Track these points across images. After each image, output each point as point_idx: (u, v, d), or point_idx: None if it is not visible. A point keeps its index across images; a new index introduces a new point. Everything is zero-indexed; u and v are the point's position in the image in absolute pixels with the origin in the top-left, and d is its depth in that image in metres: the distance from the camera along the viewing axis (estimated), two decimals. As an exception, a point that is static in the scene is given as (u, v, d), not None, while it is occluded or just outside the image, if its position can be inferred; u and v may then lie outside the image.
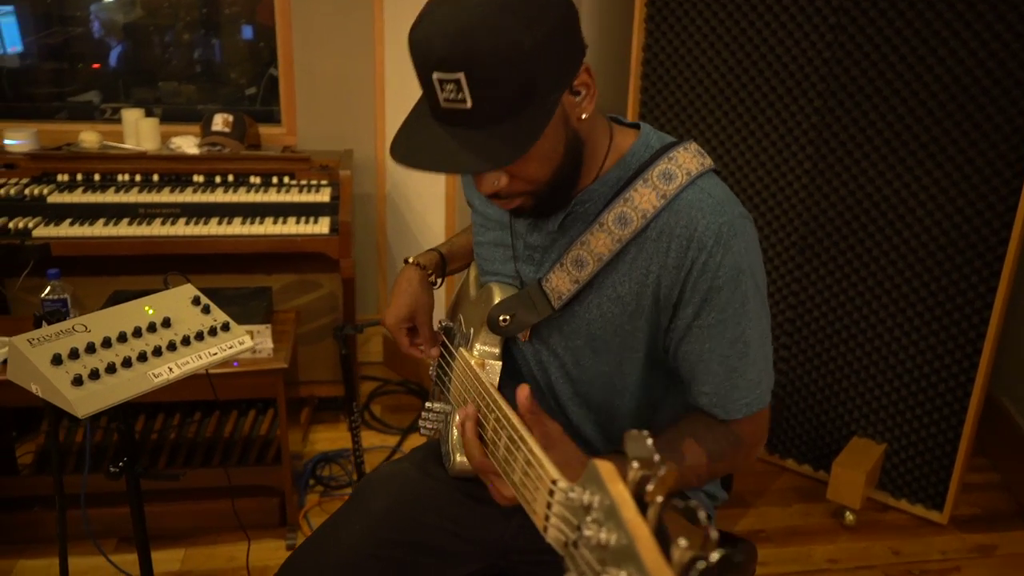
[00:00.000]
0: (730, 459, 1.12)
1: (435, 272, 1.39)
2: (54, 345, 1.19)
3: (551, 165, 1.02)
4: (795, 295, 2.54)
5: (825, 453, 2.60)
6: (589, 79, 1.01)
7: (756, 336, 1.09)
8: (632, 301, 1.08)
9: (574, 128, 1.02)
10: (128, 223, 2.37)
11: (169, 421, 2.47)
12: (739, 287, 1.05)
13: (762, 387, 1.11)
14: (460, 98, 0.92)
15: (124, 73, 3.52)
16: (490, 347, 1.19)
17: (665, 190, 1.05)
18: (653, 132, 1.13)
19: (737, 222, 1.05)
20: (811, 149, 2.39)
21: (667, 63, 2.60)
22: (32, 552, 2.18)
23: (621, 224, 1.06)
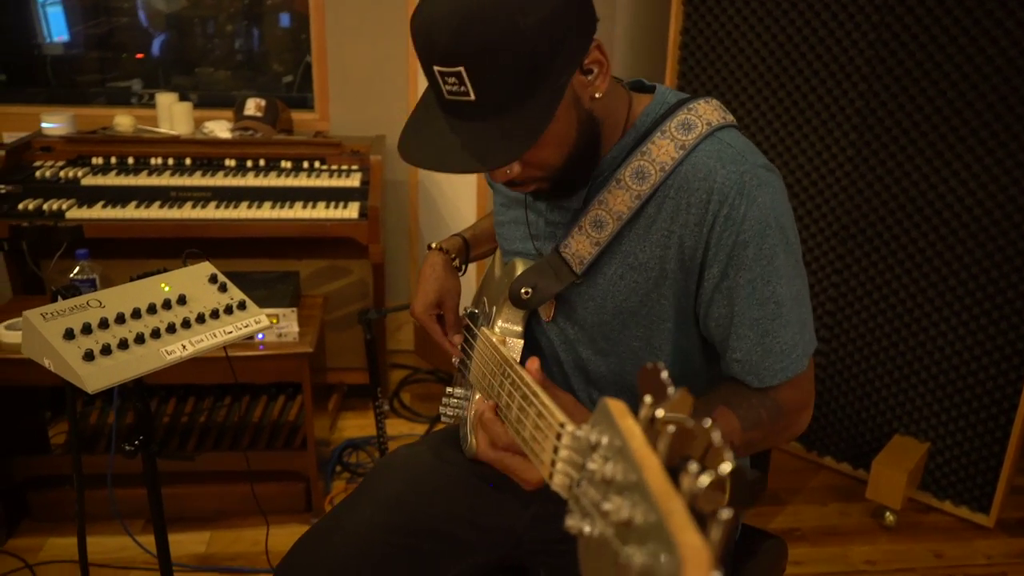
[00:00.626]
0: (768, 427, 1.03)
1: (459, 257, 1.36)
2: (67, 320, 1.17)
3: (564, 149, 0.97)
4: (835, 287, 2.45)
5: (865, 451, 2.51)
6: (601, 56, 0.95)
7: (789, 295, 1.01)
8: (655, 267, 1.03)
9: (587, 109, 0.97)
10: (159, 206, 2.37)
11: (200, 404, 2.48)
12: (766, 241, 0.98)
13: (798, 351, 1.03)
14: (463, 91, 0.88)
15: (166, 63, 3.55)
16: (512, 324, 1.15)
17: (684, 140, 0.99)
18: (670, 91, 1.07)
19: (761, 172, 0.98)
20: (855, 135, 2.30)
21: (705, 47, 2.53)
22: (62, 531, 2.19)
23: (639, 178, 1.00)
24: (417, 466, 1.21)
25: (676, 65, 2.61)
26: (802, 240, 2.46)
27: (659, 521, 0.39)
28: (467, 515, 1.15)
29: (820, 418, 2.59)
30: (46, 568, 2.06)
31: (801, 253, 1.05)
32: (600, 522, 0.46)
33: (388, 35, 2.88)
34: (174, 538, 2.16)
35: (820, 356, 2.53)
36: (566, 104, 0.93)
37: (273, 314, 2.02)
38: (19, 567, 2.05)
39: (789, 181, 2.46)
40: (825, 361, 2.53)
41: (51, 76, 3.45)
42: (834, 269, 2.44)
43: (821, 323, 2.50)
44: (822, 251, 2.45)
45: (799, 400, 1.07)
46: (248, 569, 2.08)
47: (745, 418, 1.01)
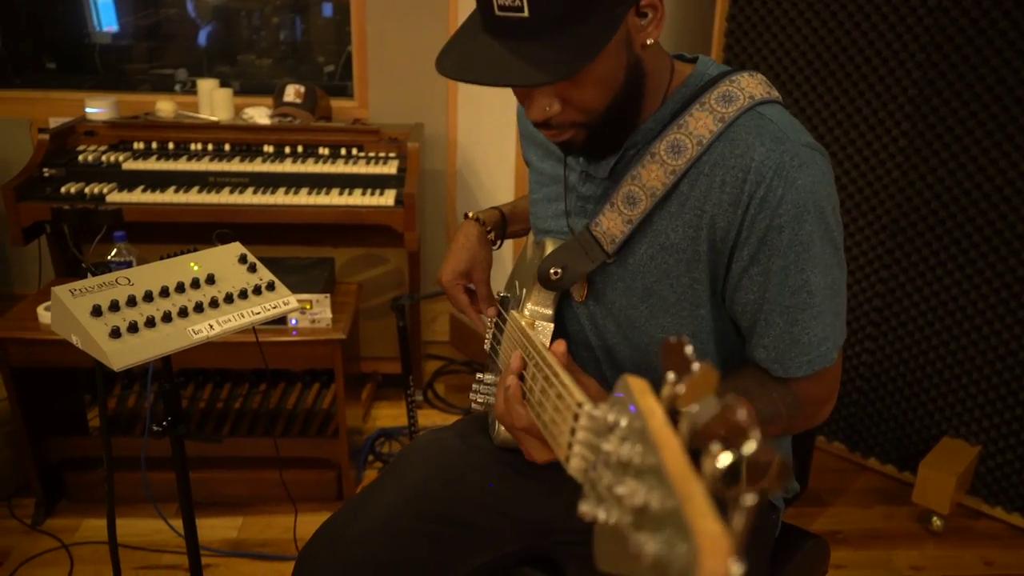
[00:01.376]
0: (786, 421, 1.00)
1: (495, 230, 1.32)
2: (95, 296, 1.17)
3: (609, 92, 0.92)
4: (884, 282, 2.36)
5: (911, 453, 2.42)
6: (657, 1, 0.91)
7: (822, 285, 0.96)
8: (688, 248, 0.98)
9: (637, 55, 0.93)
10: (198, 191, 2.38)
11: (236, 391, 2.49)
12: (802, 227, 0.92)
13: (828, 344, 0.98)
14: (517, 5, 0.84)
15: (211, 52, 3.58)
16: (542, 307, 1.11)
17: (723, 113, 0.94)
18: (712, 62, 1.02)
19: (803, 152, 0.92)
20: (907, 125, 2.21)
21: (752, 34, 2.45)
22: (98, 512, 2.22)
23: (674, 153, 0.95)
24: (444, 451, 1.18)
25: (721, 53, 2.54)
26: (850, 233, 2.38)
27: (676, 507, 0.35)
28: (494, 503, 1.12)
29: (865, 418, 2.50)
30: (81, 548, 2.08)
31: (842, 239, 0.99)
32: (615, 508, 0.42)
33: (429, 23, 2.85)
34: (206, 522, 2.19)
35: (867, 354, 2.45)
36: (617, 43, 0.89)
37: (306, 300, 2.01)
38: (55, 547, 2.08)
39: (837, 172, 2.37)
40: (871, 359, 2.45)
41: (99, 65, 3.50)
42: (882, 264, 2.35)
43: (868, 319, 2.42)
44: (870, 245, 2.36)
45: (822, 394, 1.03)
46: (278, 556, 2.07)
47: (763, 411, 0.97)
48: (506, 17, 0.86)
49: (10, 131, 2.86)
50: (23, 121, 2.86)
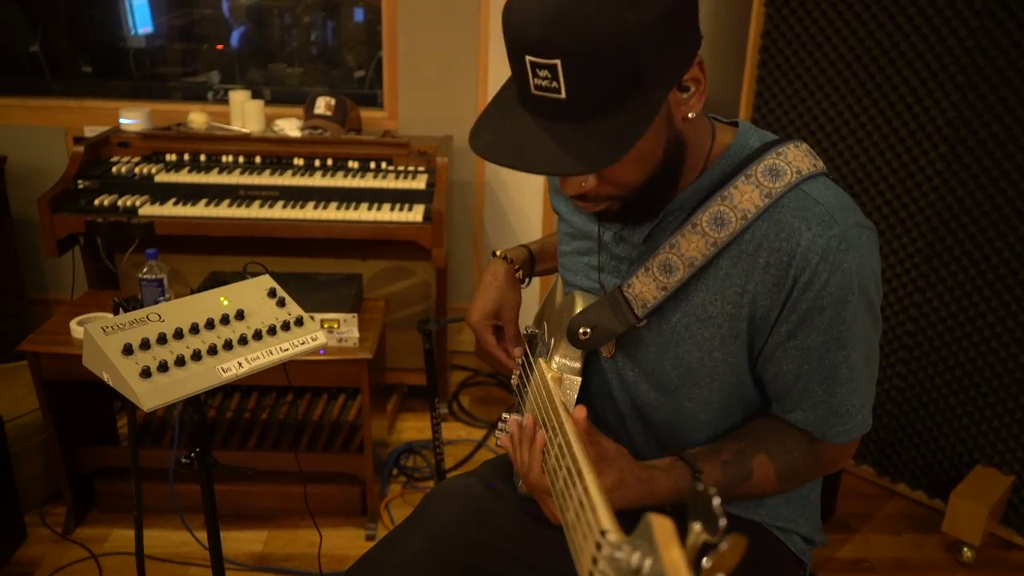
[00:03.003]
0: (802, 477, 1.03)
1: (523, 269, 1.31)
2: (127, 334, 1.18)
3: (647, 169, 0.91)
4: (917, 306, 2.32)
5: (942, 480, 2.38)
6: (700, 74, 0.89)
7: (861, 358, 0.96)
8: (725, 323, 0.97)
9: (677, 129, 0.91)
10: (228, 204, 2.40)
11: (262, 402, 2.51)
12: (846, 309, 0.92)
13: (864, 412, 0.99)
14: (554, 87, 0.82)
15: (243, 55, 3.60)
16: (570, 361, 1.10)
17: (770, 188, 0.92)
18: (753, 129, 1.00)
19: (850, 233, 0.91)
20: (945, 148, 2.17)
21: (787, 50, 2.42)
22: (127, 522, 2.25)
23: (717, 225, 0.94)
24: (470, 499, 1.17)
25: (755, 69, 2.51)
26: (883, 256, 2.34)
27: None
28: (517, 552, 1.12)
29: (895, 443, 2.47)
30: (110, 559, 2.11)
31: (880, 307, 0.98)
32: None
33: (460, 34, 2.84)
34: (231, 535, 2.21)
35: (898, 379, 2.41)
36: (659, 121, 0.87)
37: (334, 319, 2.02)
38: (84, 557, 2.11)
39: (872, 194, 2.34)
40: (903, 384, 2.41)
41: (133, 68, 3.54)
42: (916, 288, 2.31)
43: (901, 343, 2.38)
44: (904, 268, 2.32)
45: (842, 457, 1.05)
46: (302, 571, 2.09)
47: (782, 470, 1.00)
48: (543, 96, 0.84)
49: (47, 139, 2.89)
50: (59, 129, 2.90)
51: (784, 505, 1.12)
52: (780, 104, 2.48)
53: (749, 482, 0.99)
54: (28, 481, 2.23)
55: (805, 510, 1.14)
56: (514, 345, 1.25)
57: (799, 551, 1.13)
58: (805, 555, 1.14)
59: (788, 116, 2.47)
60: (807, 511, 1.15)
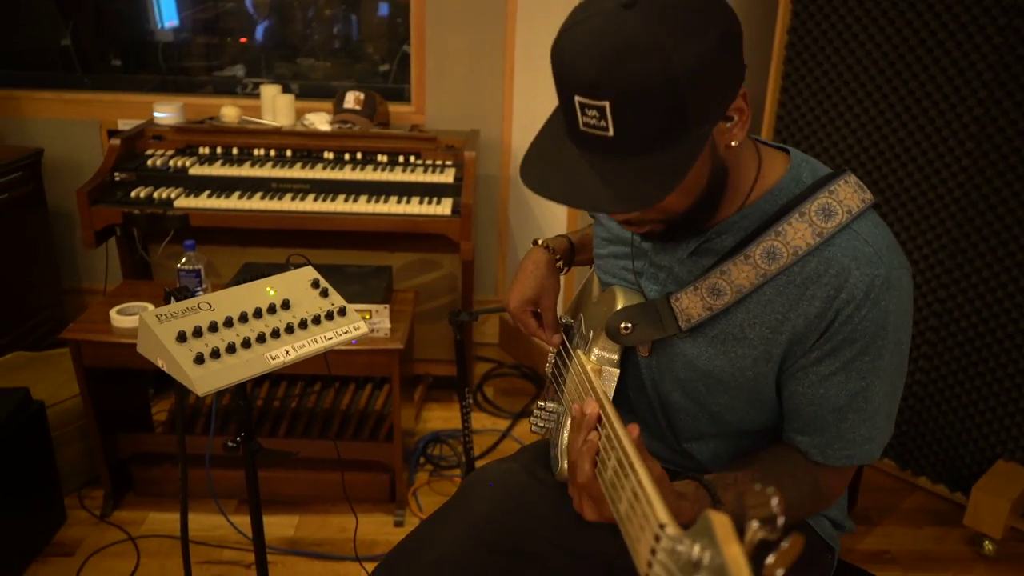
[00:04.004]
0: (806, 511, 1.08)
1: (563, 258, 1.35)
2: (180, 322, 1.22)
3: (691, 197, 0.95)
4: (941, 302, 2.34)
5: (964, 475, 2.40)
6: (744, 104, 0.91)
7: (882, 394, 1.00)
8: (760, 346, 1.01)
9: (721, 157, 0.94)
10: (261, 197, 2.44)
11: (291, 390, 2.56)
12: (876, 342, 0.96)
13: (872, 444, 1.03)
14: (603, 126, 0.84)
15: (268, 48, 3.65)
16: (609, 353, 1.14)
17: (823, 228, 0.96)
18: (804, 162, 1.03)
19: (894, 275, 0.95)
20: (971, 145, 2.19)
21: (813, 47, 2.44)
22: (163, 506, 2.31)
23: (769, 258, 0.98)
24: (509, 484, 1.21)
25: (781, 66, 2.53)
26: (908, 251, 2.36)
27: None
28: (557, 537, 1.15)
29: (917, 437, 2.49)
30: (147, 541, 2.17)
31: (908, 349, 1.03)
32: None
33: (486, 28, 2.88)
34: (265, 520, 2.25)
35: (921, 373, 2.43)
36: (704, 152, 0.90)
37: (366, 310, 2.06)
38: (122, 539, 2.17)
39: (896, 190, 2.36)
40: (926, 379, 2.43)
41: (161, 62, 3.59)
42: (940, 284, 2.33)
43: (923, 338, 2.40)
44: (928, 264, 2.34)
45: (841, 487, 1.08)
46: (334, 556, 2.14)
47: (791, 502, 1.02)
48: (591, 134, 0.86)
49: (82, 133, 2.95)
50: (94, 123, 2.96)
51: None
52: (806, 100, 2.50)
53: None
54: (68, 465, 2.30)
55: None
56: (552, 332, 1.28)
57: (828, 536, 1.16)
58: (834, 540, 1.18)
59: (814, 112, 2.49)
60: None
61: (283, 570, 2.11)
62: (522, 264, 1.33)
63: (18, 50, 3.42)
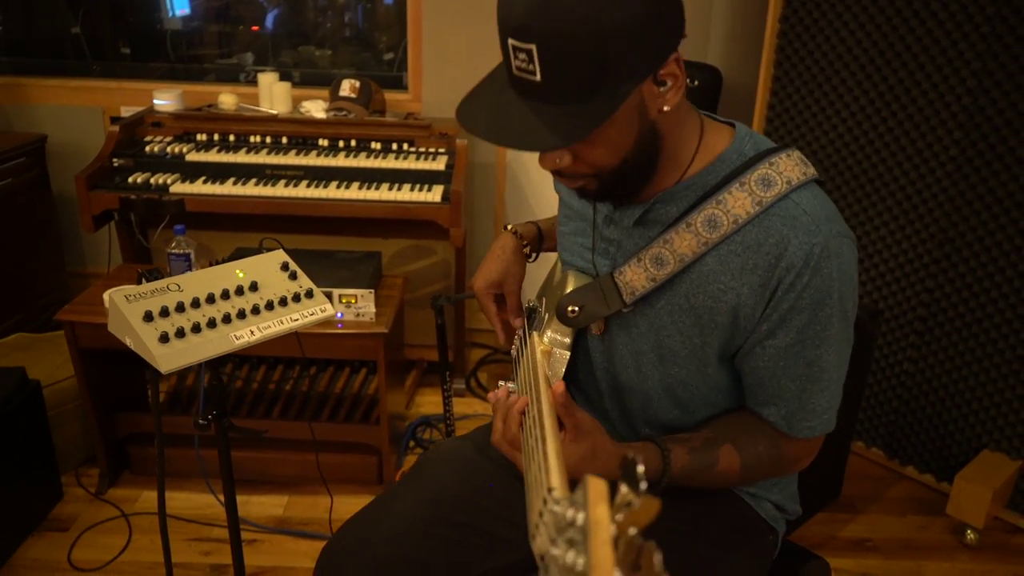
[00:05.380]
0: (766, 471, 1.10)
1: (531, 244, 1.37)
2: (148, 302, 1.26)
3: (618, 154, 0.97)
4: (929, 292, 2.34)
5: (951, 464, 2.40)
6: (678, 70, 0.93)
7: (833, 361, 1.03)
8: (706, 314, 1.03)
9: (651, 120, 0.96)
10: (255, 183, 2.49)
11: (287, 373, 2.60)
12: (823, 311, 0.99)
13: (830, 412, 1.06)
14: (531, 69, 0.88)
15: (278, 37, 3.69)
16: (561, 336, 1.16)
17: (762, 197, 0.98)
18: (748, 135, 1.05)
19: (833, 242, 0.97)
20: (959, 134, 2.18)
21: (804, 36, 2.43)
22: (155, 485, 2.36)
23: (710, 227, 1.00)
24: (461, 461, 1.25)
25: (773, 55, 2.53)
26: (896, 241, 2.36)
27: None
28: (506, 513, 1.19)
29: (905, 426, 2.49)
30: (140, 518, 2.22)
31: (854, 319, 1.05)
32: None
33: (484, 18, 2.89)
34: (255, 499, 2.32)
35: (909, 363, 2.43)
36: (629, 110, 0.93)
37: (351, 295, 2.10)
38: (116, 515, 2.23)
39: (886, 179, 2.35)
40: (914, 368, 2.43)
41: (170, 50, 3.65)
42: (928, 273, 2.33)
43: (912, 328, 2.40)
44: (916, 253, 2.34)
45: (805, 452, 1.11)
46: (319, 535, 2.19)
47: (746, 461, 1.06)
48: (521, 78, 0.90)
49: (85, 119, 3.01)
50: (97, 109, 3.02)
51: None
52: (797, 89, 2.50)
53: (714, 469, 1.05)
54: (66, 444, 2.36)
55: (779, 480, 1.19)
56: (515, 316, 1.31)
57: (770, 517, 1.19)
58: (777, 522, 1.20)
59: (805, 102, 2.49)
60: (781, 481, 1.20)
61: (270, 548, 2.16)
62: (491, 248, 1.36)
63: (31, 38, 3.48)
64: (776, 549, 1.21)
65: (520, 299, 1.34)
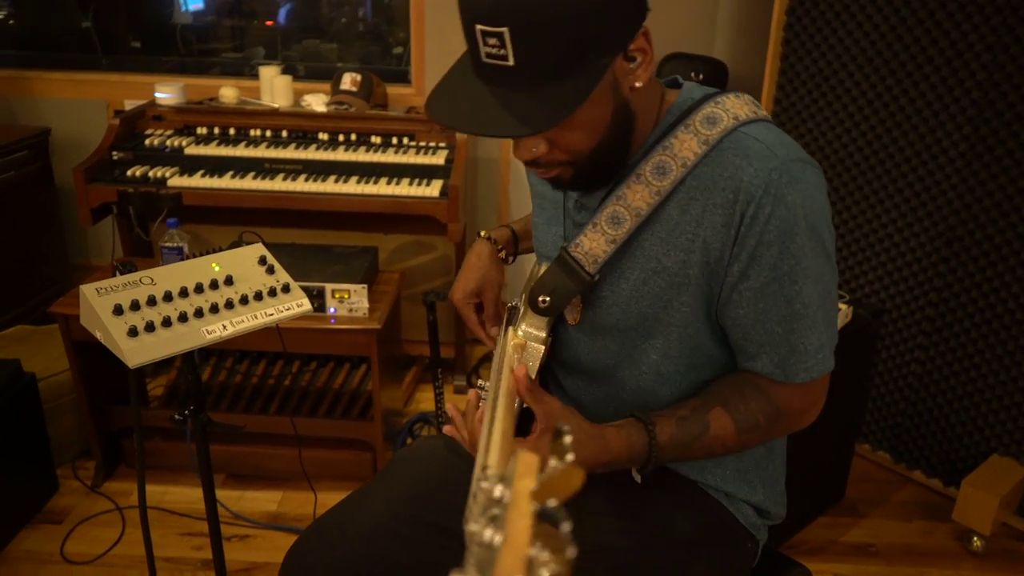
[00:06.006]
0: (764, 430, 1.03)
1: (506, 248, 1.35)
2: (118, 296, 1.25)
3: (595, 136, 0.94)
4: (937, 291, 2.28)
5: (959, 469, 2.34)
6: (647, 44, 0.92)
7: (816, 294, 0.97)
8: (679, 272, 0.99)
9: (624, 97, 0.94)
10: (253, 177, 2.47)
11: (287, 368, 2.59)
12: (792, 243, 0.94)
13: (824, 351, 1.00)
14: (502, 54, 0.86)
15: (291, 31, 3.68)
16: (535, 329, 1.13)
17: (707, 135, 0.95)
18: (698, 87, 1.03)
19: (792, 167, 0.93)
20: (969, 129, 2.12)
21: (811, 28, 2.38)
22: (152, 478, 2.35)
23: (659, 174, 0.97)
24: (432, 460, 1.22)
25: (779, 48, 2.47)
26: (904, 239, 2.30)
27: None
28: (472, 511, 1.16)
29: (912, 428, 2.43)
30: (134, 512, 2.22)
31: (834, 246, 1.00)
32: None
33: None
34: (249, 494, 2.31)
35: (916, 364, 2.37)
36: (604, 88, 0.91)
37: (344, 290, 2.08)
38: (110, 509, 2.23)
39: (893, 175, 2.29)
40: (922, 370, 2.37)
41: (180, 44, 3.65)
42: (937, 272, 2.27)
43: (920, 328, 2.34)
44: (924, 252, 2.28)
45: (804, 404, 1.05)
46: (312, 531, 2.17)
47: (741, 422, 1.01)
48: (492, 64, 0.88)
49: (89, 112, 3.02)
50: (101, 103, 3.02)
51: (735, 472, 1.12)
52: (804, 83, 2.44)
53: (706, 436, 1.00)
54: (63, 436, 2.36)
55: (762, 480, 1.14)
56: (492, 324, 1.28)
57: (750, 523, 1.13)
58: (756, 528, 1.14)
59: (811, 96, 2.43)
60: (764, 481, 1.14)
61: (263, 543, 2.15)
62: (467, 257, 1.33)
63: (41, 32, 3.50)
64: (756, 557, 1.16)
65: (498, 307, 1.31)
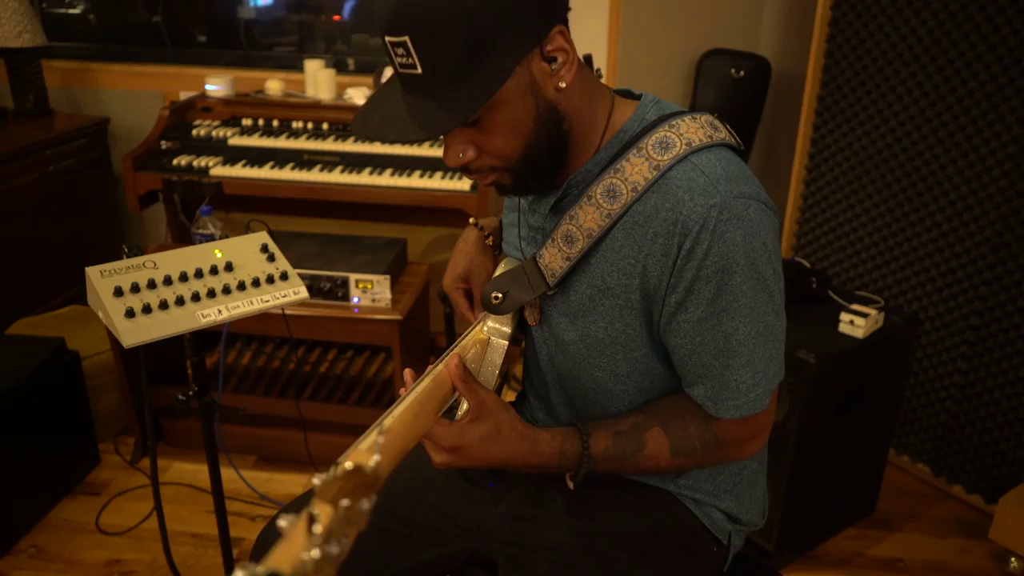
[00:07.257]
0: (700, 456, 1.02)
1: (493, 236, 1.35)
2: (121, 278, 1.30)
3: (520, 139, 0.94)
4: (982, 299, 2.17)
5: (1001, 485, 2.23)
6: (565, 44, 0.91)
7: (752, 333, 0.95)
8: (621, 294, 0.99)
9: (549, 100, 0.93)
10: (291, 168, 2.53)
11: (324, 356, 2.65)
12: (731, 280, 0.92)
13: (758, 391, 0.98)
14: (410, 63, 0.88)
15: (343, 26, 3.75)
16: (500, 325, 1.13)
17: (659, 161, 0.94)
18: (654, 103, 1.00)
19: (734, 204, 0.90)
20: (1019, 129, 2.02)
21: (857, 23, 2.30)
22: (188, 457, 2.45)
23: (610, 197, 0.96)
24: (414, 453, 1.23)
25: (823, 44, 2.40)
26: (949, 244, 2.21)
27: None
28: (440, 504, 1.17)
29: (953, 442, 2.33)
30: (167, 488, 2.31)
31: (780, 287, 0.97)
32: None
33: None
34: (277, 477, 2.38)
35: (958, 374, 2.27)
36: (521, 91, 0.91)
37: (368, 280, 2.11)
38: (145, 484, 2.32)
39: (939, 177, 2.20)
40: (964, 381, 2.26)
41: (243, 38, 3.76)
42: (982, 280, 2.16)
43: (963, 337, 2.24)
44: (970, 257, 2.18)
45: (744, 436, 1.03)
46: (331, 515, 2.22)
47: (677, 445, 1.00)
48: (407, 74, 0.89)
49: (147, 103, 3.13)
50: (158, 93, 3.14)
51: (707, 478, 1.11)
52: (848, 80, 2.36)
53: (641, 454, 0.99)
54: (106, 412, 2.47)
55: (735, 486, 1.12)
56: (480, 309, 1.29)
57: (718, 529, 1.11)
58: (723, 533, 1.12)
59: (856, 94, 2.35)
60: (738, 487, 1.12)
61: (285, 525, 2.20)
62: (456, 243, 1.34)
63: (115, 25, 3.66)
64: (725, 563, 1.14)
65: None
